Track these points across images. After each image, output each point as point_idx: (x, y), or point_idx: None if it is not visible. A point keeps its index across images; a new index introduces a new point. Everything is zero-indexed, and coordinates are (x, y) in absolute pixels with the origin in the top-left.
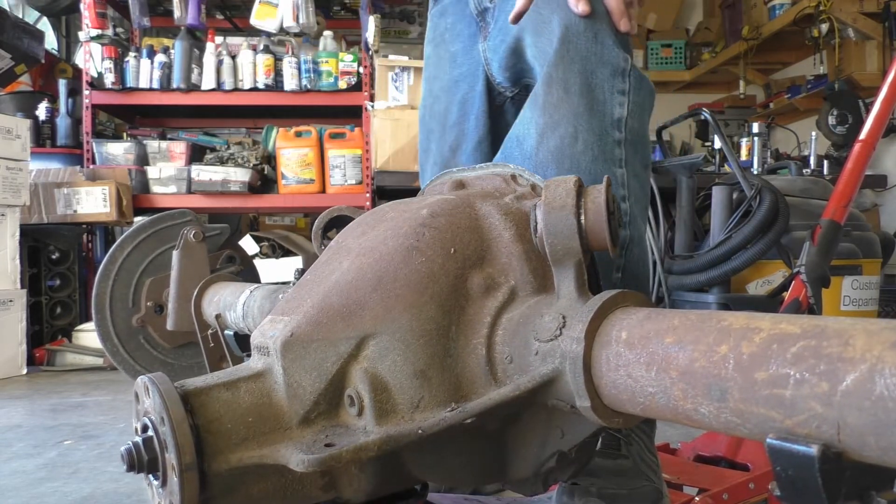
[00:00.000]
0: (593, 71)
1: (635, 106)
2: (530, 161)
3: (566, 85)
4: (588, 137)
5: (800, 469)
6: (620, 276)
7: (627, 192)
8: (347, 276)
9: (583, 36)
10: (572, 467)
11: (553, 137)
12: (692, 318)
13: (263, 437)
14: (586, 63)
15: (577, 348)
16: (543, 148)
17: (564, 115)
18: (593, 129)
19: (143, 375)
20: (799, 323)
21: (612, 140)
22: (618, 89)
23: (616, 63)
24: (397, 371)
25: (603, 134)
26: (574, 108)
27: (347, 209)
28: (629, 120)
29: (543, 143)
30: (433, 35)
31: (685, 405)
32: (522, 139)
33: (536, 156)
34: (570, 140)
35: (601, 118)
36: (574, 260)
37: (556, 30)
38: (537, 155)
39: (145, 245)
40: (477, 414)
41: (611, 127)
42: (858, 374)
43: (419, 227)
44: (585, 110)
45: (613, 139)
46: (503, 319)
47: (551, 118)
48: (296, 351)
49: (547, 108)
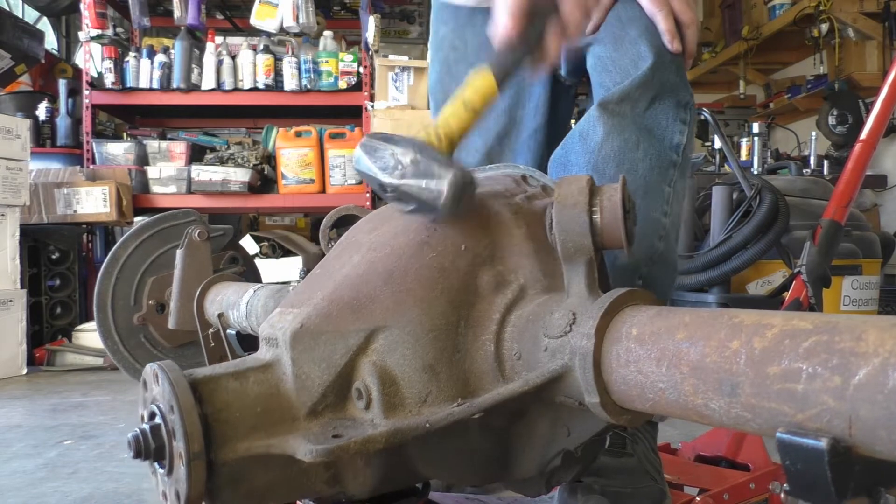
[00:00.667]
0: (662, 98)
1: (689, 137)
2: (592, 156)
3: (638, 104)
4: (649, 149)
5: (809, 463)
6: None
7: (670, 209)
8: (358, 270)
9: (669, 67)
10: (577, 467)
11: (618, 139)
12: (703, 314)
13: (271, 428)
14: (661, 90)
15: (588, 344)
16: (607, 146)
17: (630, 125)
18: (654, 146)
19: (151, 363)
20: (811, 319)
21: (668, 160)
22: (680, 119)
23: (683, 97)
24: (406, 365)
25: (662, 152)
26: (639, 121)
27: (355, 208)
28: (685, 149)
29: (608, 142)
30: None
31: (696, 400)
32: (587, 135)
33: (599, 151)
34: (633, 145)
35: (661, 140)
36: (585, 258)
37: (647, 56)
38: (600, 151)
39: (148, 244)
40: (485, 409)
41: (669, 149)
42: (871, 368)
43: (430, 223)
44: (648, 130)
45: (670, 160)
46: (512, 316)
47: (619, 123)
48: (305, 342)
49: (616, 114)
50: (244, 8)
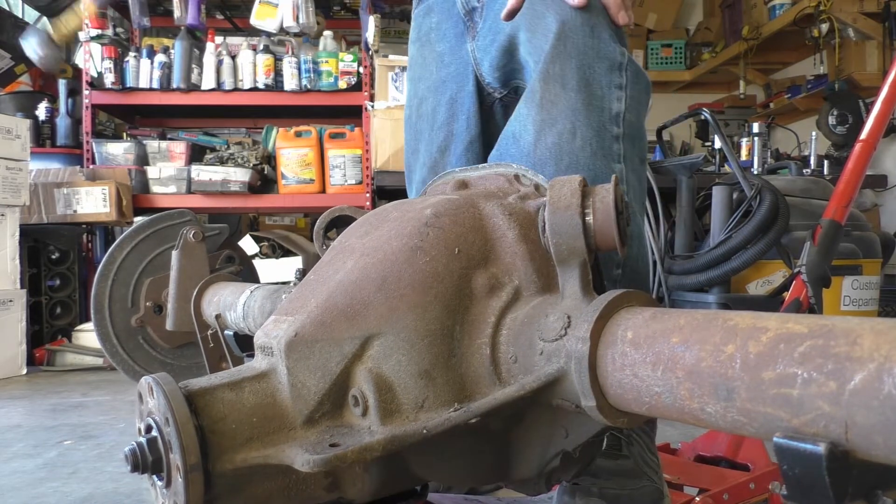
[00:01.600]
0: (590, 66)
1: (632, 100)
2: (528, 158)
3: (563, 81)
4: (586, 133)
5: (807, 468)
6: (621, 272)
7: (627, 187)
8: (351, 276)
9: (580, 31)
10: (576, 467)
11: (551, 134)
12: (698, 317)
13: (268, 438)
14: (583, 58)
15: (583, 348)
16: (541, 145)
17: (562, 111)
18: (591, 125)
19: (146, 376)
20: (806, 322)
21: (610, 135)
22: (615, 84)
23: (613, 57)
24: (402, 371)
25: (601, 129)
26: (572, 103)
27: (349, 209)
28: (627, 114)
29: (541, 140)
30: (417, 35)
31: (691, 405)
32: (519, 136)
33: (534, 153)
34: (569, 136)
35: (599, 113)
36: (579, 260)
37: (553, 25)
38: (535, 152)
39: (144, 245)
40: (482, 414)
41: (609, 122)
42: (867, 373)
43: (423, 227)
44: (583, 106)
45: (612, 134)
46: (507, 319)
47: (549, 114)
48: (300, 351)
49: (544, 105)
50: (244, 8)
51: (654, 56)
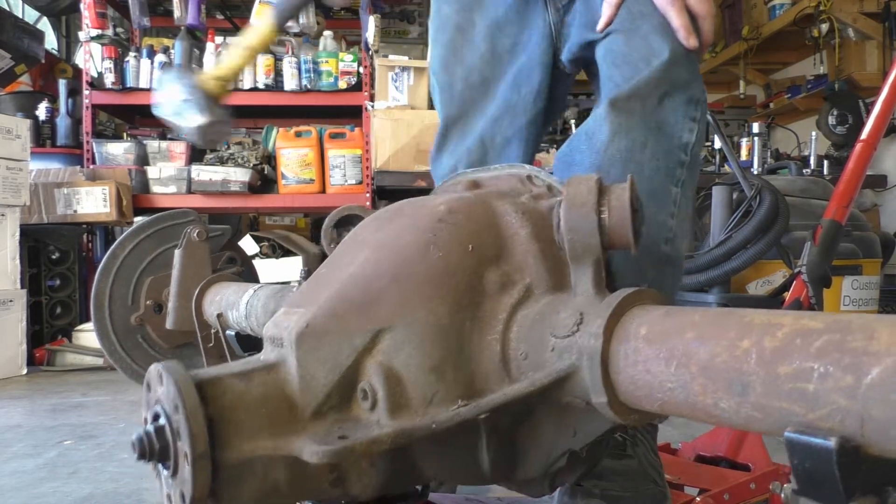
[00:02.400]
0: (673, 95)
1: (700, 134)
2: (598, 156)
3: (647, 101)
4: (656, 150)
5: (817, 462)
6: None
7: (678, 210)
8: (364, 269)
9: (684, 64)
10: (582, 468)
11: (625, 139)
12: (712, 314)
13: (275, 429)
14: (674, 87)
15: (596, 344)
16: (613, 146)
17: (638, 124)
18: (661, 145)
19: (155, 364)
20: (822, 318)
21: (676, 160)
22: (690, 116)
23: (694, 93)
24: (412, 365)
25: (670, 152)
26: (648, 122)
27: (358, 208)
28: (695, 146)
29: (614, 142)
30: None
31: (705, 400)
32: (593, 134)
33: (605, 151)
34: (640, 146)
35: (670, 139)
36: (593, 257)
37: (662, 52)
38: (606, 151)
39: (146, 243)
40: (491, 409)
41: (677, 148)
42: (884, 367)
43: (437, 222)
44: (657, 128)
45: (678, 159)
46: (518, 316)
47: (627, 122)
48: (310, 342)
49: (624, 112)
50: (244, 8)
51: None
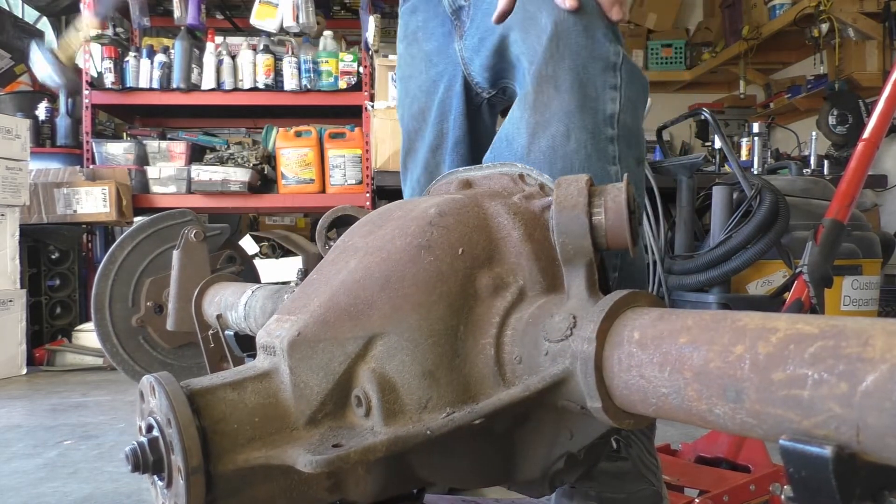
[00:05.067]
0: (584, 66)
1: (628, 101)
2: (521, 161)
3: (556, 82)
4: (581, 135)
5: (813, 470)
6: (617, 275)
7: None
8: (355, 276)
9: (573, 31)
10: (580, 469)
11: (545, 137)
12: (706, 318)
13: (270, 438)
14: (577, 59)
15: (589, 348)
16: (535, 148)
17: (555, 114)
18: (586, 127)
19: (148, 375)
20: (816, 323)
21: (605, 137)
22: (610, 84)
23: (607, 57)
24: (405, 371)
25: (596, 131)
26: (565, 105)
27: (352, 209)
28: (622, 115)
29: (535, 143)
30: (405, 33)
31: (699, 406)
32: (512, 139)
33: (528, 156)
34: (563, 139)
35: (593, 115)
36: (585, 260)
37: (547, 26)
38: (529, 155)
39: (145, 245)
40: (486, 415)
41: (603, 124)
42: (879, 374)
43: (427, 226)
44: (577, 108)
45: (606, 136)
46: (512, 319)
47: (542, 117)
48: (303, 350)
49: (537, 107)
50: (244, 8)
51: (654, 56)
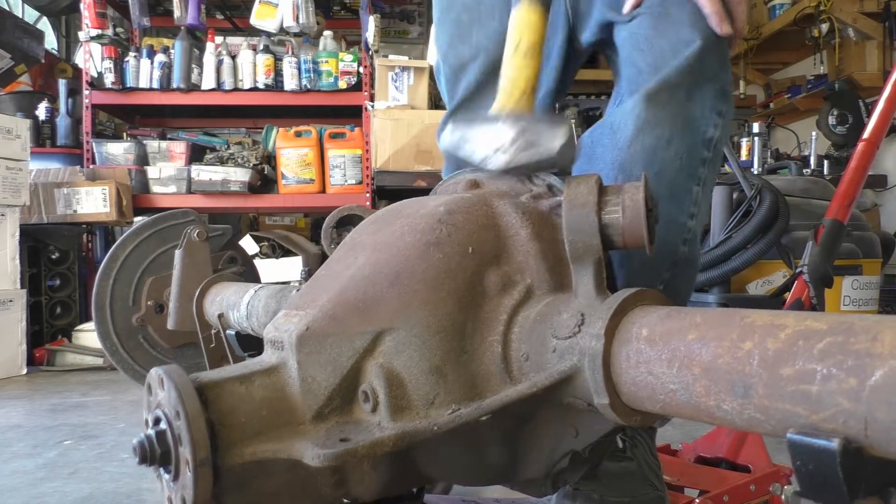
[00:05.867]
0: (702, 86)
1: (725, 129)
2: (620, 153)
3: (674, 93)
4: (680, 147)
5: (820, 463)
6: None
7: (697, 210)
8: (364, 271)
9: (713, 54)
10: (584, 468)
11: (650, 136)
12: (714, 315)
13: (277, 432)
14: (703, 77)
15: (597, 345)
16: (638, 143)
17: (666, 119)
18: (686, 141)
19: (156, 367)
20: (825, 319)
21: (699, 157)
22: (717, 110)
23: (723, 84)
24: (413, 367)
25: (693, 149)
26: (676, 115)
27: (358, 208)
28: (719, 143)
29: (639, 139)
30: None
31: (707, 402)
32: (618, 129)
33: (629, 149)
34: (665, 144)
35: (694, 134)
36: (594, 258)
37: (691, 40)
38: (630, 148)
39: (147, 244)
40: (492, 411)
41: (701, 145)
42: (887, 369)
43: (436, 223)
44: (684, 122)
45: (701, 157)
46: (519, 317)
47: (654, 116)
48: (311, 345)
49: (650, 107)
50: (244, 8)
51: None
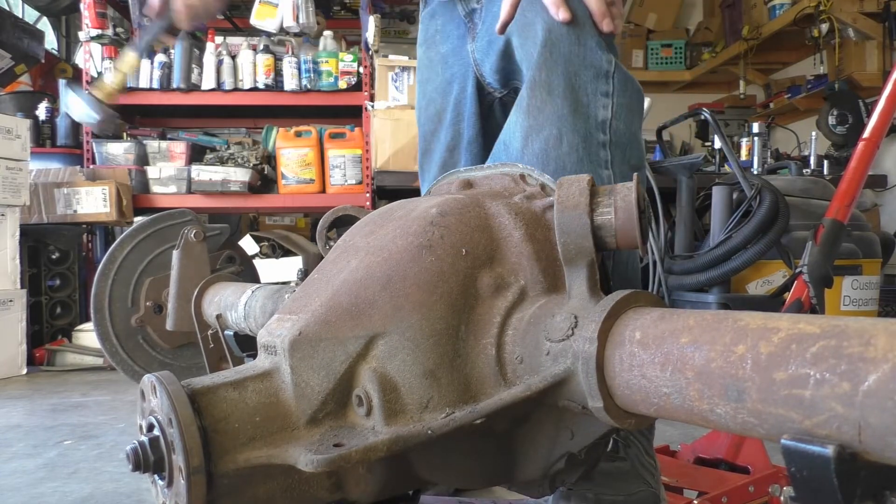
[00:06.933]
0: (576, 73)
1: (620, 107)
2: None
3: (549, 88)
4: (573, 139)
5: (815, 470)
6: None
7: None
8: (356, 275)
9: (565, 39)
10: (581, 469)
11: (537, 140)
12: (708, 318)
13: (270, 437)
14: (569, 66)
15: (590, 348)
16: (528, 151)
17: (548, 118)
18: (578, 131)
19: (149, 374)
20: (818, 323)
21: (597, 142)
22: (601, 91)
23: (599, 65)
24: (406, 371)
25: (588, 136)
26: (558, 110)
27: (352, 209)
28: (614, 122)
29: (528, 146)
30: (424, 37)
31: (701, 406)
32: (509, 143)
33: (522, 159)
34: (555, 142)
35: (585, 120)
36: (586, 260)
37: (540, 33)
38: (522, 158)
39: (145, 244)
40: (487, 415)
41: (595, 129)
42: (881, 374)
43: (429, 225)
44: (569, 112)
45: (598, 141)
46: (513, 319)
47: (535, 121)
48: (304, 350)
49: (531, 111)
50: (244, 8)
51: (654, 56)
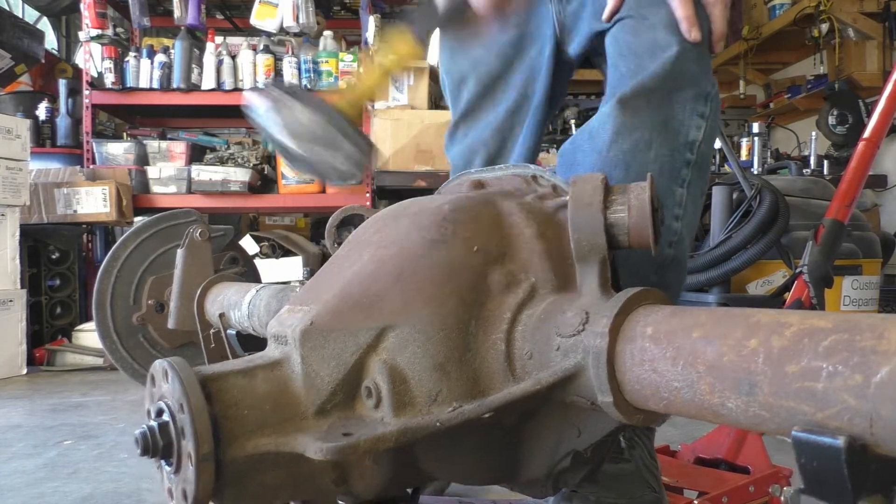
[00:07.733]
0: (682, 89)
1: (711, 131)
2: (599, 157)
3: (651, 96)
4: (661, 150)
5: (825, 461)
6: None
7: (683, 212)
8: (368, 268)
9: (690, 58)
10: (586, 468)
11: (628, 140)
12: (719, 313)
13: (279, 426)
14: (679, 81)
15: (601, 343)
16: (616, 147)
17: (644, 122)
18: (667, 144)
19: (161, 359)
20: (830, 318)
21: (682, 159)
22: (698, 112)
23: (703, 87)
24: (416, 363)
25: (675, 151)
26: (654, 117)
27: (361, 208)
28: (703, 145)
29: (617, 143)
30: None
31: (712, 399)
32: (596, 134)
33: (607, 153)
34: (644, 147)
35: (676, 136)
36: (599, 257)
37: (666, 45)
38: (608, 152)
39: (149, 243)
40: (495, 408)
41: (684, 147)
42: (893, 366)
43: (441, 221)
44: (663, 123)
45: (684, 159)
46: (523, 316)
47: (631, 121)
48: (315, 340)
49: (627, 111)
50: (244, 8)
51: None
